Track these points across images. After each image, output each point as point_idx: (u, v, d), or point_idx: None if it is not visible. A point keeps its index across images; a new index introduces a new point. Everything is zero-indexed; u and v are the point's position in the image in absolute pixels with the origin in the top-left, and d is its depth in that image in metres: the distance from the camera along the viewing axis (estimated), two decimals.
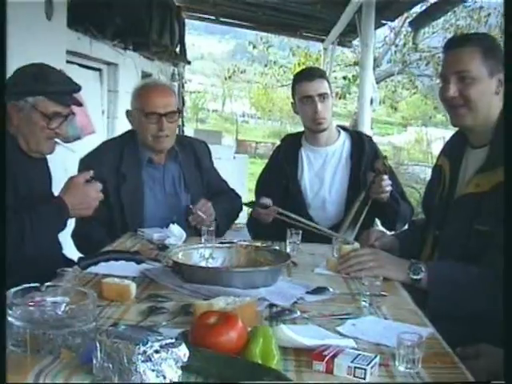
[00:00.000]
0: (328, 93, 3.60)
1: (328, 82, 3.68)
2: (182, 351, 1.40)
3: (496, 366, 2.06)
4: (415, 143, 25.66)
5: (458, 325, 2.34)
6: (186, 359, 1.40)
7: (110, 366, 1.39)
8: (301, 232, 2.92)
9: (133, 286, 2.10)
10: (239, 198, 3.79)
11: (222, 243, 2.76)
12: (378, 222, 3.85)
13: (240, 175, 10.42)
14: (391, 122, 35.25)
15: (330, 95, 3.62)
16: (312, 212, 3.64)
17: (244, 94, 44.72)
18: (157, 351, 1.37)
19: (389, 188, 3.39)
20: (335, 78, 13.91)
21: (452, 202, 2.72)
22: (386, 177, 3.38)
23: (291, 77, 3.76)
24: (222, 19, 11.41)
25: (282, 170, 3.77)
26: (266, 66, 20.41)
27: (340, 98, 14.01)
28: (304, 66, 14.51)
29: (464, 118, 2.63)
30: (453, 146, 2.87)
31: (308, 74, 3.64)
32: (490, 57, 2.54)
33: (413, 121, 29.22)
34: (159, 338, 1.42)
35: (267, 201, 3.42)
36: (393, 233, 3.33)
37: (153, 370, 1.36)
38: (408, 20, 10.28)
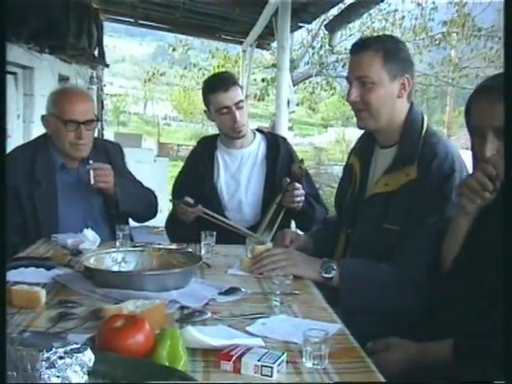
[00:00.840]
0: (243, 99, 3.62)
1: (241, 87, 3.70)
2: (87, 356, 1.38)
3: (406, 359, 2.12)
4: (335, 143, 26.02)
5: (370, 320, 2.41)
6: (91, 364, 1.39)
7: (14, 374, 1.36)
8: (215, 234, 2.93)
9: (42, 293, 2.07)
10: (153, 193, 3.75)
11: (134, 247, 2.75)
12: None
13: (161, 178, 10.34)
14: (312, 123, 35.67)
15: (244, 101, 3.64)
16: (228, 214, 3.65)
17: (165, 97, 44.43)
18: (61, 357, 1.35)
19: (300, 198, 3.40)
20: (254, 79, 13.99)
21: (362, 201, 2.78)
22: (298, 185, 3.39)
23: None
24: (140, 22, 11.34)
25: (198, 172, 3.76)
26: (185, 68, 20.35)
27: (259, 100, 14.11)
28: (223, 69, 14.56)
29: (366, 122, 2.70)
30: (362, 146, 2.93)
31: (222, 84, 3.58)
32: (391, 61, 2.60)
33: (333, 121, 29.66)
34: (64, 343, 1.40)
35: (191, 200, 3.41)
36: (307, 233, 3.36)
37: (58, 377, 1.33)
38: (325, 23, 10.42)
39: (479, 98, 2.13)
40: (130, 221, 3.57)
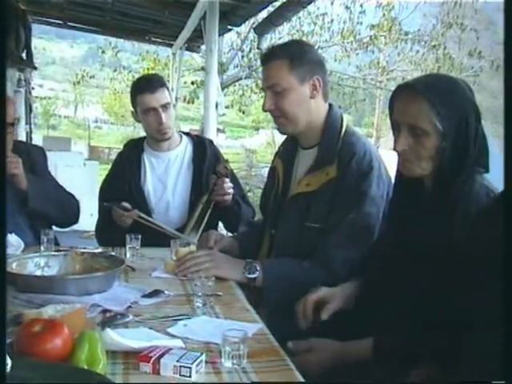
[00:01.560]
0: (170, 101, 3.62)
1: (168, 89, 3.70)
2: None
3: (327, 358, 2.16)
4: (266, 146, 26.19)
5: (294, 318, 2.44)
6: (8, 369, 1.38)
7: None
8: (140, 237, 2.92)
9: None
10: (74, 198, 3.71)
11: (58, 251, 2.73)
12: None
13: (91, 182, 10.23)
14: (244, 126, 35.80)
15: (171, 103, 3.65)
16: (156, 216, 3.64)
17: (96, 100, 43.96)
18: None
19: (230, 191, 3.45)
20: (184, 82, 13.97)
21: (285, 201, 2.82)
22: (227, 179, 3.45)
23: None
24: (69, 23, 11.18)
25: (124, 175, 3.75)
26: (115, 71, 20.16)
27: (189, 103, 14.09)
28: (153, 71, 14.45)
29: (285, 127, 2.76)
30: (286, 148, 2.98)
31: (149, 85, 3.60)
32: (298, 65, 2.66)
33: (264, 124, 29.82)
34: None
35: (127, 205, 3.40)
36: (233, 235, 3.39)
37: None
38: (254, 26, 10.47)
39: (399, 95, 2.18)
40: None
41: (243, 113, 15.88)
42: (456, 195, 2.05)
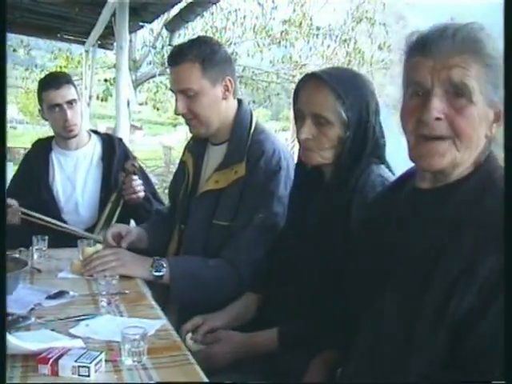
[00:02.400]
0: (76, 98, 3.57)
1: (75, 86, 3.64)
2: None
3: (234, 349, 2.18)
4: (184, 142, 25.99)
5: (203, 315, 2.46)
6: None
7: None
8: (47, 238, 2.87)
9: None
10: None
11: None
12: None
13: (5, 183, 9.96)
14: (161, 122, 35.57)
15: (77, 100, 3.59)
16: (66, 216, 3.60)
17: (10, 99, 42.84)
18: None
19: (140, 188, 3.43)
20: (98, 80, 13.77)
21: (194, 197, 2.82)
22: (135, 177, 3.42)
23: None
24: None
25: (32, 175, 3.69)
26: (27, 69, 19.70)
27: (102, 100, 13.90)
28: (66, 69, 14.21)
29: (198, 129, 2.74)
30: (196, 142, 2.96)
31: (54, 81, 3.55)
32: (210, 67, 2.63)
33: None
34: None
35: (11, 201, 3.31)
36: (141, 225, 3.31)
37: None
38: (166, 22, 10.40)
39: (305, 85, 2.22)
40: None
41: (158, 110, 15.74)
42: (353, 185, 2.10)
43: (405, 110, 1.63)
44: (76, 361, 1.54)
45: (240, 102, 2.82)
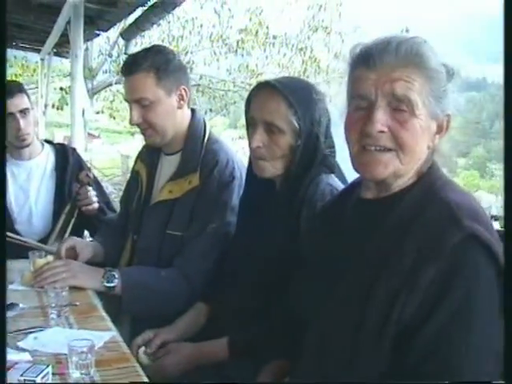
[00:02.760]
0: (29, 107, 3.52)
1: (27, 95, 3.60)
2: None
3: (184, 360, 2.18)
4: None
5: (155, 325, 2.45)
6: None
7: None
8: None
9: None
10: None
11: None
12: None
13: None
14: (119, 131, 35.33)
15: (31, 109, 3.55)
16: (18, 227, 3.55)
17: None
18: None
19: (94, 199, 3.41)
20: (54, 88, 13.63)
21: (147, 207, 2.81)
22: (90, 188, 3.40)
23: None
24: None
25: None
26: None
27: (58, 109, 13.77)
28: (21, 78, 14.04)
29: (153, 139, 2.73)
30: (149, 152, 2.94)
31: (7, 91, 3.51)
32: (165, 77, 2.63)
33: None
34: None
35: None
36: (94, 237, 3.29)
37: None
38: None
39: (257, 92, 2.23)
40: None
41: (114, 118, 15.62)
42: (303, 194, 2.12)
43: (349, 121, 1.66)
44: (22, 375, 1.53)
45: (194, 111, 2.82)
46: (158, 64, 2.62)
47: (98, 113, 15.63)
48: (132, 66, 2.65)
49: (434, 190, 1.59)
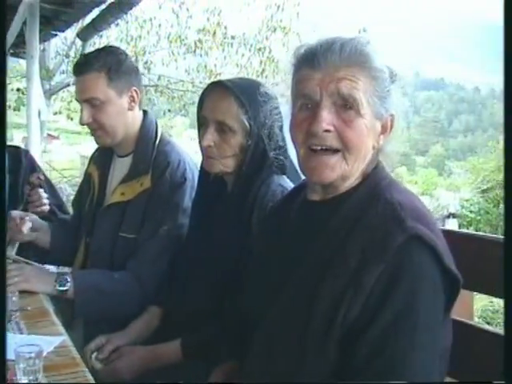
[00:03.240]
0: None
1: None
2: None
3: (137, 363, 2.18)
4: None
5: (109, 329, 2.43)
6: None
7: None
8: None
9: None
10: None
11: None
12: None
13: None
14: (79, 132, 35.04)
15: None
16: None
17: None
18: None
19: (45, 201, 3.36)
20: (12, 89, 13.45)
21: (100, 210, 2.78)
22: (41, 190, 3.35)
23: None
24: None
25: None
26: None
27: (14, 110, 13.58)
28: None
29: (103, 140, 2.72)
30: (101, 154, 2.92)
31: None
32: (117, 78, 2.63)
33: None
34: None
35: None
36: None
37: None
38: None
39: (210, 92, 2.25)
40: None
41: (72, 119, 15.45)
42: (255, 195, 2.13)
43: (294, 122, 1.67)
44: None
45: (145, 112, 2.82)
46: (109, 64, 2.63)
47: (55, 114, 15.47)
48: (84, 66, 2.65)
49: (379, 191, 1.60)
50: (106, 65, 2.62)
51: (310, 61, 1.62)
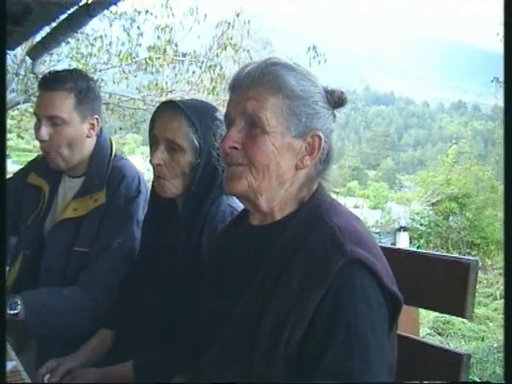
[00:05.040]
0: None
1: None
2: None
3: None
4: None
5: (62, 347, 2.42)
6: None
7: None
8: None
9: None
10: None
11: None
12: None
13: None
14: (30, 150, 34.68)
15: None
16: None
17: None
18: None
19: None
20: None
21: (52, 226, 2.74)
22: None
23: None
24: None
25: None
26: None
27: None
28: None
29: (56, 163, 2.69)
30: (48, 167, 2.81)
31: None
32: (84, 102, 2.64)
33: None
34: None
35: None
36: None
37: None
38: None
39: (161, 111, 2.26)
40: None
41: (22, 138, 15.22)
42: (204, 215, 2.15)
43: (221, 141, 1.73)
44: None
45: (100, 129, 2.80)
46: (80, 87, 2.64)
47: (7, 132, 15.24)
48: (54, 83, 2.63)
49: (318, 215, 1.63)
50: (77, 87, 2.63)
51: (231, 86, 1.72)
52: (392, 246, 2.35)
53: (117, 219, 2.60)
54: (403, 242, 21.03)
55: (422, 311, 7.97)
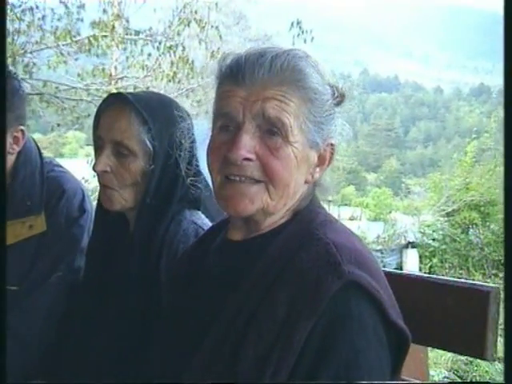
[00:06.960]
0: None
1: None
2: None
3: None
4: None
5: None
6: None
7: None
8: None
9: None
10: None
11: None
12: None
13: None
14: None
15: None
16: None
17: None
18: None
19: None
20: None
21: None
22: None
23: None
24: None
25: None
26: None
27: None
28: None
29: None
30: None
31: None
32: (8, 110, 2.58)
33: None
34: None
35: None
36: None
37: None
38: None
39: (107, 107, 2.24)
40: None
41: None
42: (163, 234, 2.13)
43: (212, 146, 1.68)
44: None
45: (22, 132, 2.74)
46: None
47: None
48: None
49: (311, 230, 1.62)
50: None
51: (234, 75, 1.63)
52: (395, 271, 2.33)
53: (56, 247, 2.54)
54: (411, 261, 20.87)
55: None
